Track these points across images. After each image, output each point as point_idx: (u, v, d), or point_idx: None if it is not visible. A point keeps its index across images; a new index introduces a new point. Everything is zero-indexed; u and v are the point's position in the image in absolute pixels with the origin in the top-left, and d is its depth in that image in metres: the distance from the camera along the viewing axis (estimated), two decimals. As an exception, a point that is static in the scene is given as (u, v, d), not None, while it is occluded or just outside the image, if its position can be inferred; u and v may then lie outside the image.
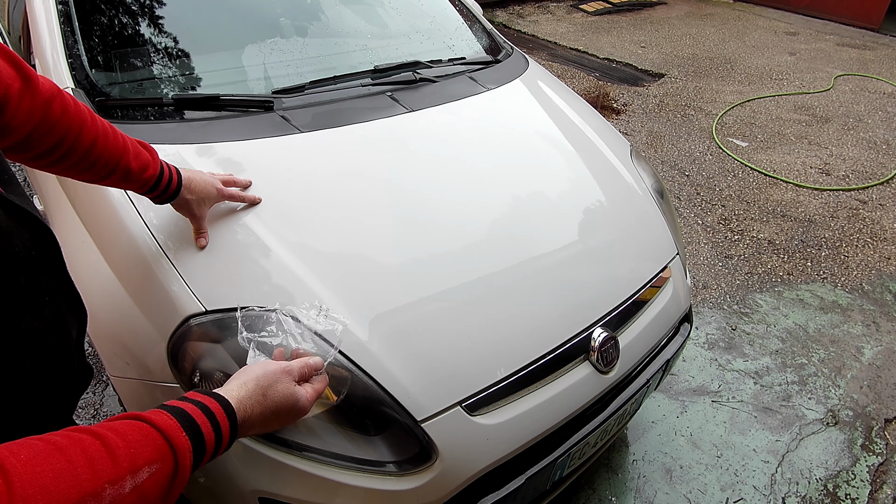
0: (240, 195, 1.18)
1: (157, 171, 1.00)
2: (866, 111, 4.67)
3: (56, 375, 0.71)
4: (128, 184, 0.97)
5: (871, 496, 1.84)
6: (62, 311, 0.71)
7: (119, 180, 0.95)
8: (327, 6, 1.85)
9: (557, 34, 6.31)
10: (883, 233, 3.17)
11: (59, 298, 0.71)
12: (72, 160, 0.86)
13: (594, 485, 1.80)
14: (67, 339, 0.72)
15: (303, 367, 0.80)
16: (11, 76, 0.72)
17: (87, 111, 0.86)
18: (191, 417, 0.61)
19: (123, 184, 0.97)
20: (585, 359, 1.25)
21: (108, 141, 0.90)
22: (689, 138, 4.11)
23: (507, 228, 1.35)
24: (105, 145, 0.89)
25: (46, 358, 0.68)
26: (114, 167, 0.92)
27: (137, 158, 0.95)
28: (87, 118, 0.86)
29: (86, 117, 0.86)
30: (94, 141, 0.86)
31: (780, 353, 2.36)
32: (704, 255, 2.92)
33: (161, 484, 0.54)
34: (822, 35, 6.73)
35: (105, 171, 0.91)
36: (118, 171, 0.93)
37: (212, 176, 1.13)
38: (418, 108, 1.58)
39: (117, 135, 0.92)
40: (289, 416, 0.76)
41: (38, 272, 0.66)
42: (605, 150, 1.73)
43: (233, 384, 0.71)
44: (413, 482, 1.03)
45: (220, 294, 1.05)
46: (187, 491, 1.16)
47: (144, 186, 0.99)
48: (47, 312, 0.67)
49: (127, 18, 1.51)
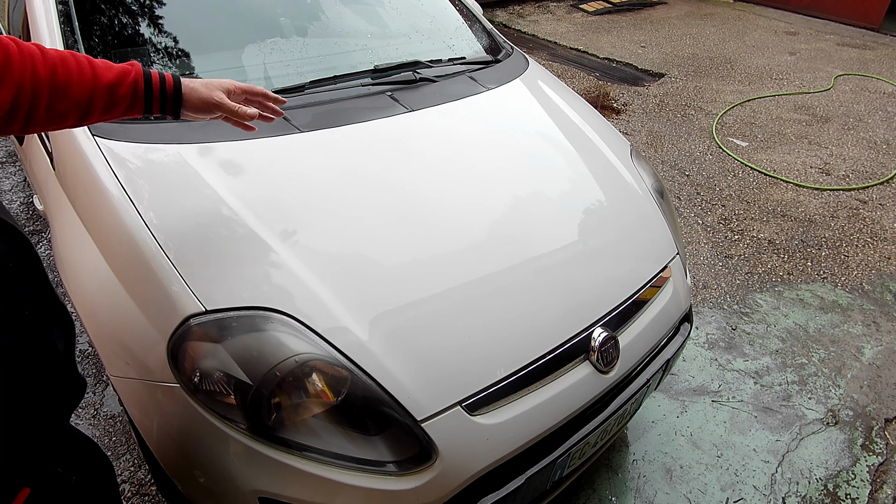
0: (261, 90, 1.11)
1: (141, 75, 0.93)
2: (866, 111, 4.67)
3: (43, 390, 0.69)
4: (117, 103, 0.91)
5: (871, 496, 1.84)
6: (45, 325, 0.69)
7: (107, 103, 0.89)
8: (327, 6, 1.85)
9: (557, 34, 6.31)
10: (883, 232, 3.17)
11: (40, 312, 0.69)
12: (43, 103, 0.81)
13: (594, 485, 1.80)
14: (53, 352, 0.70)
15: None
16: None
17: (34, 48, 0.82)
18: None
19: (115, 106, 0.91)
20: (585, 359, 1.25)
21: (69, 64, 0.84)
22: (690, 138, 4.11)
23: (506, 228, 1.35)
24: (67, 70, 0.83)
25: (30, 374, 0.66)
26: (90, 87, 0.86)
27: (110, 70, 0.89)
28: (38, 53, 0.81)
29: (34, 52, 0.81)
30: (53, 71, 0.81)
31: (780, 352, 2.36)
32: (704, 254, 2.92)
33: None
34: (823, 35, 6.73)
35: (84, 96, 0.85)
36: (98, 90, 0.87)
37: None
38: (418, 107, 1.58)
39: (77, 57, 0.87)
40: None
41: (15, 285, 0.63)
42: (606, 149, 1.73)
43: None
44: (413, 482, 1.03)
45: (220, 294, 1.05)
46: (187, 491, 1.16)
47: (137, 98, 0.92)
48: (26, 326, 0.65)
49: (127, 18, 1.51)
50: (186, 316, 1.03)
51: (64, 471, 0.83)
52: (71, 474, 0.84)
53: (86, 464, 0.92)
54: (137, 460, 1.76)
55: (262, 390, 0.99)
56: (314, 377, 1.03)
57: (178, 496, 1.21)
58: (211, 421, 1.02)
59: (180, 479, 1.15)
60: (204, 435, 1.03)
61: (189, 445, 1.06)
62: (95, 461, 0.97)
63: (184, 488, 1.16)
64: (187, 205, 1.17)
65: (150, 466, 1.31)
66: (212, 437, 1.03)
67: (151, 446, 1.14)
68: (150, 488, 1.69)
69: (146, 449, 1.19)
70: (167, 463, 1.14)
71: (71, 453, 0.89)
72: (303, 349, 1.02)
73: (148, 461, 1.31)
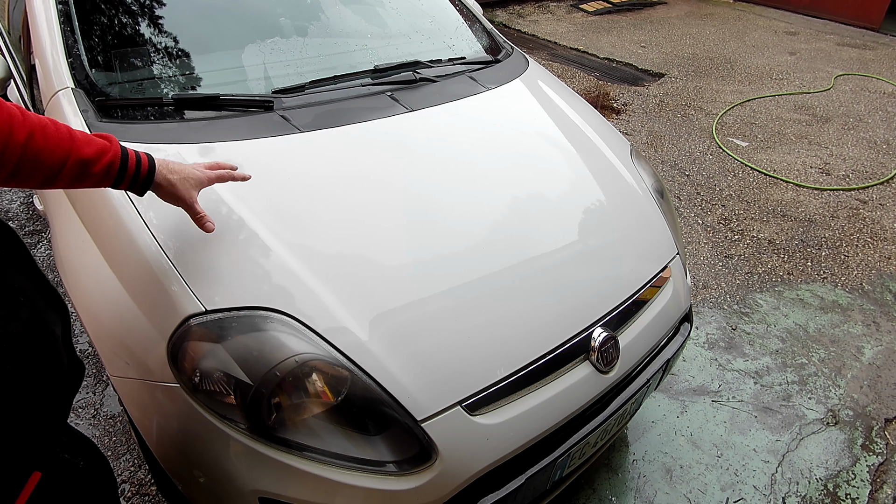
0: (229, 173, 1.12)
1: (119, 154, 0.92)
2: (866, 111, 4.67)
3: (45, 375, 0.70)
4: (87, 177, 0.89)
5: (871, 496, 1.84)
6: (41, 310, 0.70)
7: (76, 175, 0.87)
8: (327, 6, 1.85)
9: (557, 34, 6.31)
10: (883, 232, 3.17)
11: (35, 297, 0.69)
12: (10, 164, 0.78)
13: (594, 484, 1.80)
14: (51, 337, 0.71)
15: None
16: None
17: (16, 108, 0.80)
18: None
19: (84, 178, 0.89)
20: (585, 359, 1.25)
21: (48, 132, 0.82)
22: (690, 138, 4.11)
23: (506, 228, 1.35)
24: (45, 137, 0.81)
25: (31, 359, 0.67)
26: (63, 158, 0.84)
27: (90, 145, 0.88)
28: (17, 114, 0.79)
29: (14, 113, 0.78)
30: (30, 135, 0.79)
31: (780, 352, 2.36)
32: (704, 254, 2.92)
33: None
34: (823, 35, 6.73)
35: (56, 165, 0.83)
36: (70, 163, 0.85)
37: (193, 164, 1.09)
38: (418, 107, 1.58)
39: (59, 126, 0.85)
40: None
41: (10, 272, 0.64)
42: (606, 149, 1.73)
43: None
44: (413, 482, 1.03)
45: (220, 294, 1.05)
46: (187, 491, 1.16)
47: (109, 175, 0.91)
48: (24, 314, 0.66)
49: (127, 18, 1.51)
50: (186, 316, 1.03)
51: (71, 457, 0.84)
52: (78, 459, 0.85)
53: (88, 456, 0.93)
54: (137, 460, 1.76)
55: (263, 390, 0.99)
56: (314, 377, 1.03)
57: (178, 496, 1.21)
58: (211, 421, 1.02)
59: (180, 479, 1.15)
60: (204, 435, 1.03)
61: (189, 445, 1.06)
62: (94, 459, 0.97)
63: (184, 488, 1.16)
64: (187, 205, 1.17)
65: (150, 466, 1.31)
66: (212, 437, 1.03)
67: (151, 446, 1.14)
68: (150, 488, 1.69)
69: (146, 449, 1.19)
70: (167, 463, 1.14)
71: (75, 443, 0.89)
72: (303, 349, 1.02)
73: (148, 461, 1.31)
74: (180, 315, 1.03)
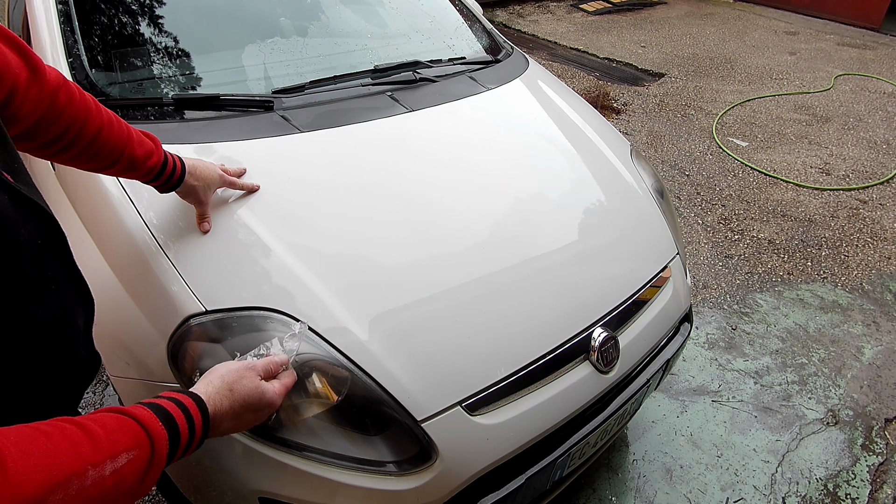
0: (240, 182, 1.20)
1: (161, 159, 1.02)
2: (866, 111, 4.67)
3: (62, 363, 0.72)
4: (133, 172, 0.99)
5: (871, 496, 1.84)
6: (68, 300, 0.72)
7: (124, 169, 0.97)
8: (327, 6, 1.85)
9: (557, 34, 6.31)
10: (883, 232, 3.17)
11: (65, 287, 0.71)
12: (77, 148, 0.87)
13: (594, 484, 1.80)
14: (73, 327, 0.73)
15: (267, 363, 0.82)
16: (19, 66, 0.73)
17: (91, 100, 0.88)
18: (166, 410, 0.65)
19: (128, 172, 0.99)
20: (585, 359, 1.25)
21: (113, 129, 0.92)
22: (690, 138, 4.11)
23: (506, 228, 1.35)
24: (110, 133, 0.91)
25: (51, 345, 0.68)
26: (118, 155, 0.93)
27: (141, 146, 0.97)
28: (93, 107, 0.88)
29: (91, 106, 0.87)
30: (98, 129, 0.88)
31: (780, 352, 2.36)
32: (704, 254, 2.92)
33: (138, 469, 0.58)
34: (823, 35, 6.73)
35: (109, 159, 0.93)
36: (123, 160, 0.95)
37: (212, 163, 1.16)
38: (418, 107, 1.58)
39: (121, 124, 0.94)
40: (259, 409, 0.78)
41: (45, 261, 0.66)
42: (606, 149, 1.73)
43: (200, 383, 0.75)
44: (413, 482, 1.03)
45: (220, 294, 1.05)
46: (188, 491, 1.16)
47: (149, 174, 1.01)
48: (52, 301, 0.68)
49: (127, 18, 1.51)
50: (186, 316, 1.03)
51: None
52: None
53: None
54: (137, 460, 1.76)
55: (263, 390, 0.99)
56: (314, 377, 1.03)
57: (177, 496, 1.21)
58: (211, 421, 1.02)
59: (180, 479, 1.15)
60: (204, 435, 1.03)
61: (189, 445, 1.06)
62: None
63: (184, 488, 1.16)
64: (187, 204, 1.17)
65: (150, 466, 1.31)
66: (212, 437, 1.03)
67: (151, 446, 1.13)
68: (150, 488, 1.69)
69: (146, 449, 1.19)
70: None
71: None
72: (303, 349, 1.02)
73: (148, 461, 1.31)
74: (180, 315, 1.03)
